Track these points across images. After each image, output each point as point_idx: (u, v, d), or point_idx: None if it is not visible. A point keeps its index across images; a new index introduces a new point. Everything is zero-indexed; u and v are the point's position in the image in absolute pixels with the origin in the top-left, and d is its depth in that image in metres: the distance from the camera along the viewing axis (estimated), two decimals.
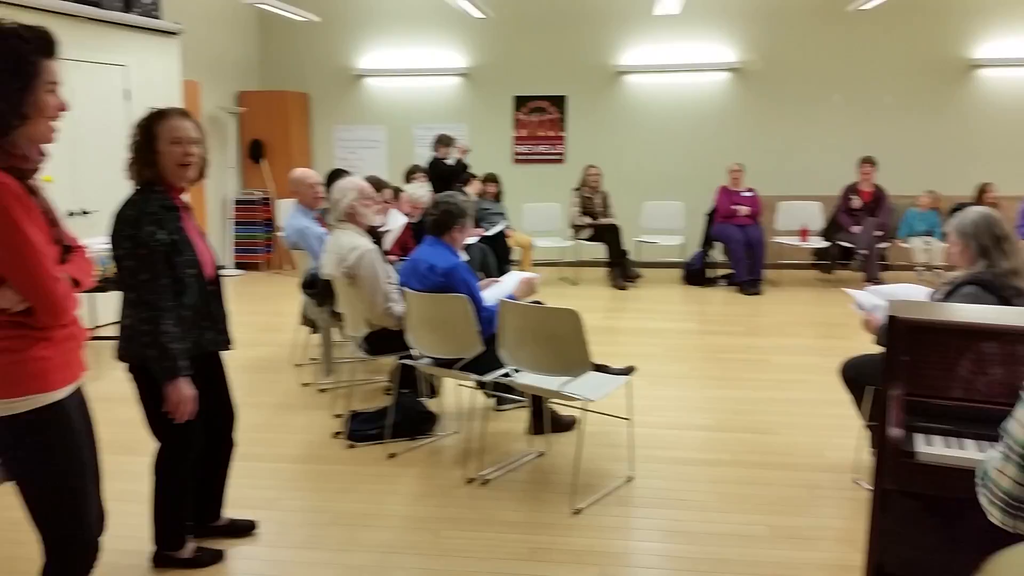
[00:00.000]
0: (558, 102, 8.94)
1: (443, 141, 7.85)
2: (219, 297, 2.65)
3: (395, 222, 5.33)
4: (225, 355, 2.78)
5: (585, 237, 8.08)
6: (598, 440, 3.90)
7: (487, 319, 3.44)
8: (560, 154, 9.04)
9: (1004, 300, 2.75)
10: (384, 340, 3.82)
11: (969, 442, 1.88)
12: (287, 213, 5.12)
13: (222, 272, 2.90)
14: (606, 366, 3.97)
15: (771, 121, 8.70)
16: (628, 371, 3.87)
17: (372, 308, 3.76)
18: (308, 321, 4.93)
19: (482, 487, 3.42)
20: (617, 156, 8.83)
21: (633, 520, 3.13)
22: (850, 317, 3.15)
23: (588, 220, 8.05)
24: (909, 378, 2.00)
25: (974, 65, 8.33)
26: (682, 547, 2.91)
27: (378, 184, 5.10)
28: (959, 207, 3.97)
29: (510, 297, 3.55)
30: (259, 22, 9.23)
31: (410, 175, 7.08)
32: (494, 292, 3.73)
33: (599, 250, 8.10)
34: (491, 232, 7.10)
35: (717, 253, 8.15)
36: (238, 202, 8.81)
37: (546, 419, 3.85)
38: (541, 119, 8.99)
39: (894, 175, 8.14)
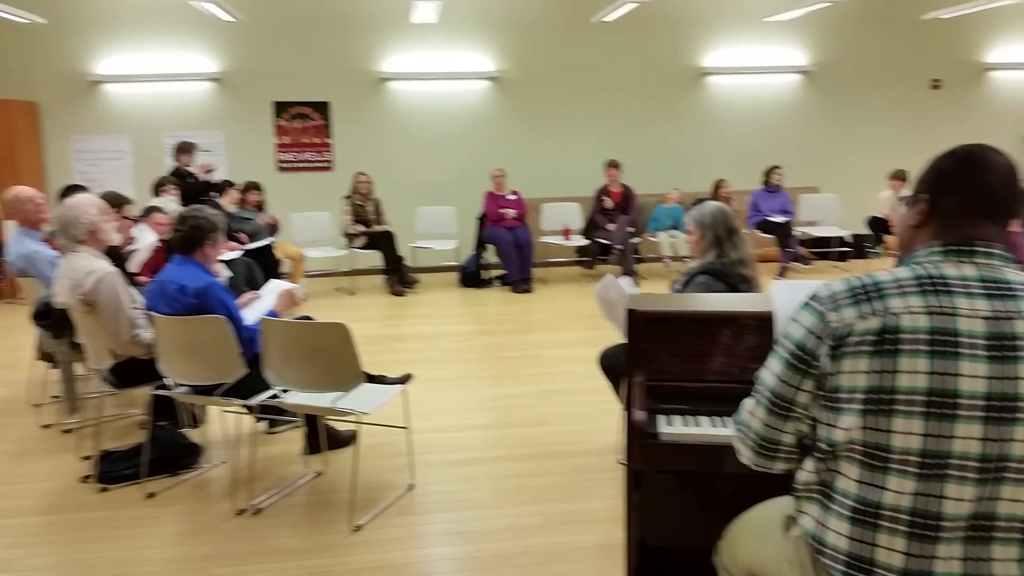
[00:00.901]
0: (322, 108, 8.72)
1: (184, 149, 7.36)
2: None
3: (143, 240, 4.92)
4: None
5: (359, 245, 7.97)
6: (378, 452, 3.85)
7: (248, 339, 3.26)
8: (328, 161, 8.84)
9: (732, 287, 3.07)
10: (133, 371, 3.50)
11: (704, 419, 2.06)
12: (10, 237, 4.54)
13: None
14: (383, 376, 3.92)
15: (530, 127, 9.08)
16: (405, 379, 3.86)
17: (116, 337, 3.43)
18: (45, 355, 4.39)
19: (254, 517, 3.24)
20: (387, 162, 8.80)
21: (415, 528, 3.12)
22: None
23: (361, 228, 7.95)
24: (649, 364, 2.16)
25: (704, 72, 9.25)
26: (462, 548, 2.95)
27: (116, 200, 4.67)
28: (698, 201, 4.38)
29: (271, 313, 3.40)
30: None
31: (159, 188, 6.57)
32: (255, 309, 3.55)
33: (375, 258, 8.04)
34: (256, 245, 6.77)
35: (490, 255, 8.39)
36: None
37: (322, 437, 3.74)
38: (305, 125, 8.73)
39: (642, 175, 8.83)
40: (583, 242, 8.51)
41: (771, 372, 1.46)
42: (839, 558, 1.36)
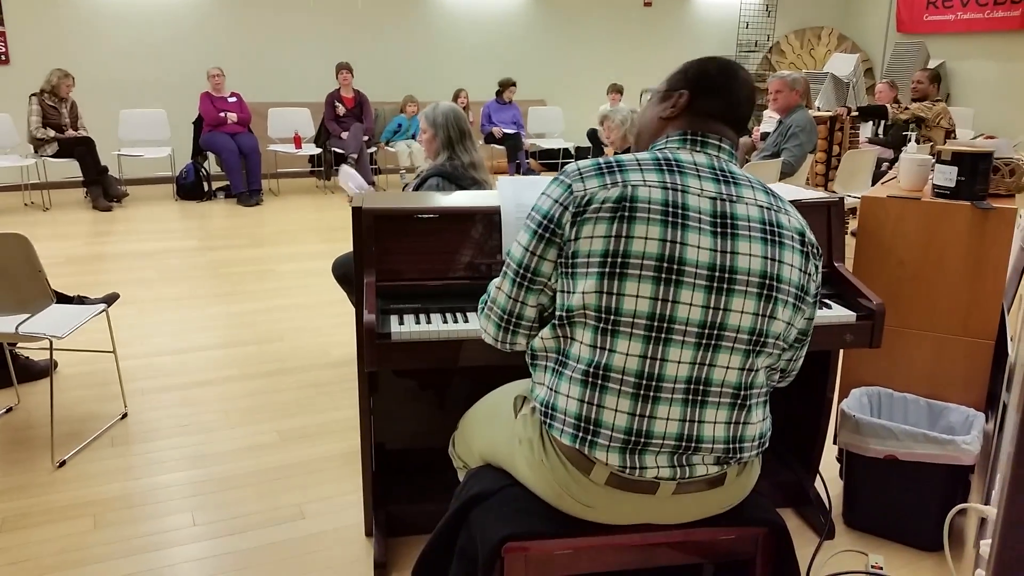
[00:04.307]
0: None
1: None
2: None
3: None
4: None
5: (51, 154, 6.93)
6: (84, 381, 3.43)
7: None
8: (2, 54, 7.50)
9: (462, 190, 3.07)
10: None
11: (436, 316, 2.04)
12: None
13: None
14: (83, 297, 3.47)
15: (247, 23, 8.37)
16: (110, 299, 3.44)
17: None
18: None
19: None
20: (80, 57, 7.66)
21: (130, 459, 2.83)
22: (349, 219, 3.23)
23: (52, 133, 6.90)
24: (380, 265, 2.09)
25: None
26: (186, 474, 2.73)
27: None
28: None
29: None
30: None
31: None
32: None
33: (72, 168, 7.05)
34: None
35: (212, 164, 7.73)
36: None
37: (11, 367, 3.24)
38: None
39: (376, 81, 8.56)
40: (315, 151, 8.13)
41: (519, 244, 1.48)
42: (568, 421, 1.41)
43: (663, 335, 1.36)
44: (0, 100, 7.26)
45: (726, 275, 1.37)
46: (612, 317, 1.36)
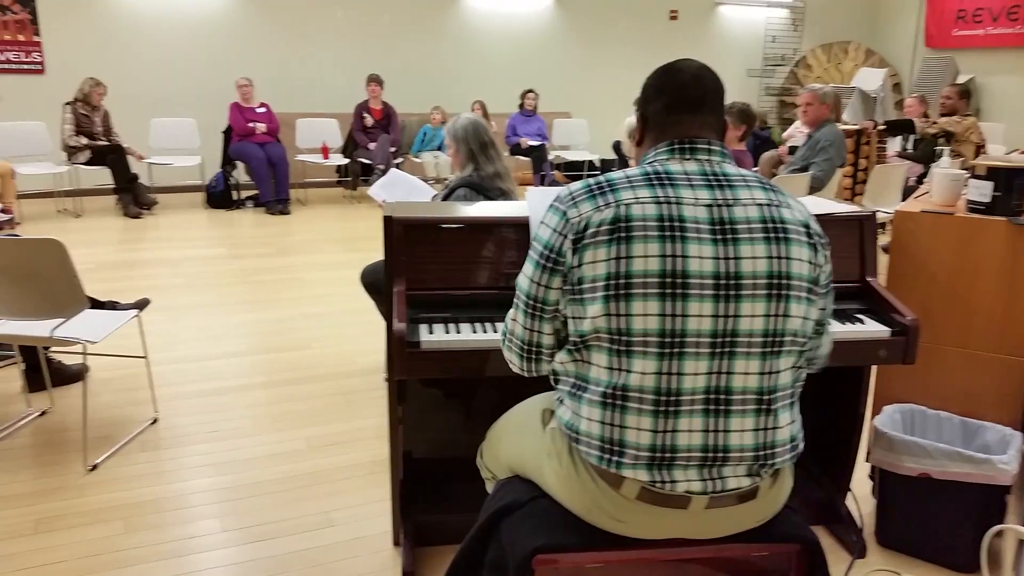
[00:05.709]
0: (26, 0, 7.48)
1: None
2: None
3: None
4: None
5: (83, 160, 7.04)
6: (115, 386, 3.48)
7: None
8: (38, 63, 7.64)
9: (489, 199, 3.09)
10: None
11: (465, 326, 2.05)
12: None
13: None
14: (114, 302, 3.53)
15: (276, 35, 8.45)
16: (141, 305, 3.49)
17: None
18: None
19: None
20: (113, 67, 7.78)
21: (161, 464, 2.86)
22: (376, 229, 3.26)
23: (84, 140, 7.02)
24: (410, 274, 2.10)
25: None
26: (216, 480, 2.76)
27: None
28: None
29: None
30: None
31: None
32: None
33: (103, 175, 7.16)
34: None
35: (240, 173, 7.82)
36: None
37: (45, 371, 3.29)
38: (5, 19, 7.44)
39: (403, 93, 8.62)
40: (343, 161, 8.20)
41: (525, 276, 1.49)
42: (593, 443, 1.41)
43: (676, 349, 1.36)
44: (35, 109, 7.38)
45: (731, 281, 1.36)
46: (624, 338, 1.36)
